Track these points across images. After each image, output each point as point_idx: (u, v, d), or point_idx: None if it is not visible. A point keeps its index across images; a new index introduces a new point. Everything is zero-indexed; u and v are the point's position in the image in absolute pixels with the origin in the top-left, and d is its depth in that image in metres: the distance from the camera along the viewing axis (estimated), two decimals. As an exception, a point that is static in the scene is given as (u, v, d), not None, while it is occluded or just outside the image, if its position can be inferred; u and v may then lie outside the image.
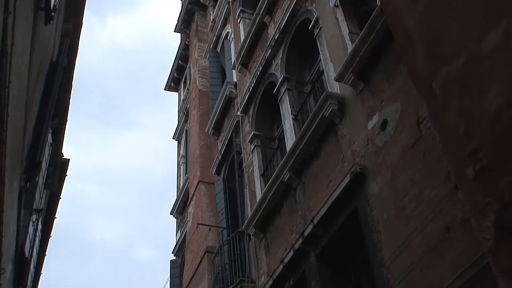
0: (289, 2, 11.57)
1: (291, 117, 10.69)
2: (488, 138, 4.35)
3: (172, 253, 18.46)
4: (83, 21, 10.10)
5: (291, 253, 9.12)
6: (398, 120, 7.11)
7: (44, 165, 9.50)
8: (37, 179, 8.28)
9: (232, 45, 15.82)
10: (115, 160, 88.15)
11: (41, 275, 13.08)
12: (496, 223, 4.12)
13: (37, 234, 10.30)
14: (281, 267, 9.42)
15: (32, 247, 9.46)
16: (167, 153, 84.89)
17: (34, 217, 9.10)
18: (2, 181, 4.66)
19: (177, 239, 18.20)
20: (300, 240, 8.87)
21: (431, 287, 5.91)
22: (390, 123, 7.28)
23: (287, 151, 10.05)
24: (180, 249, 17.65)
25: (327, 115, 8.71)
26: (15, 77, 4.93)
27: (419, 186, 6.42)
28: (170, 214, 19.60)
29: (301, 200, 9.57)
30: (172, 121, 38.55)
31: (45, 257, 13.05)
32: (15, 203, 6.72)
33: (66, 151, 11.81)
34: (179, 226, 18.86)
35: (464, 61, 4.19)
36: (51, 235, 13.14)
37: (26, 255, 8.60)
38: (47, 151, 9.61)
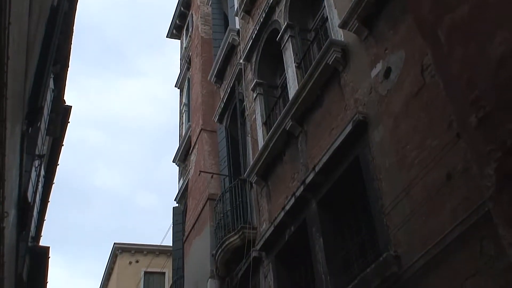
0: None
1: (294, 65, 10.59)
2: (492, 86, 4.31)
3: (174, 200, 18.62)
4: (83, -35, 9.91)
5: (292, 200, 9.19)
6: (402, 68, 7.04)
7: (46, 111, 9.49)
8: (39, 124, 8.28)
9: (235, -9, 15.55)
10: (116, 108, 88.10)
11: (45, 221, 13.25)
12: (497, 171, 4.12)
13: (40, 180, 10.38)
14: (282, 214, 9.51)
15: (35, 193, 9.55)
16: (168, 101, 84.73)
17: (36, 162, 9.15)
18: (3, 125, 4.65)
19: (180, 187, 18.33)
20: (302, 188, 8.92)
21: (431, 234, 5.97)
22: (394, 71, 7.21)
23: (290, 99, 10.00)
24: (182, 197, 17.80)
25: (330, 62, 8.63)
26: (15, 20, 4.85)
27: (421, 134, 6.40)
28: (173, 162, 19.70)
29: (303, 148, 9.58)
30: (174, 69, 38.29)
31: (49, 203, 13.20)
32: (17, 148, 6.74)
33: (67, 98, 11.72)
34: (181, 174, 18.97)
35: (469, 8, 4.09)
36: (54, 181, 13.25)
37: (29, 200, 8.67)
38: (48, 96, 9.59)
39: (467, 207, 5.52)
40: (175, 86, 21.64)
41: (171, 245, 18.06)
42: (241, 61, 13.42)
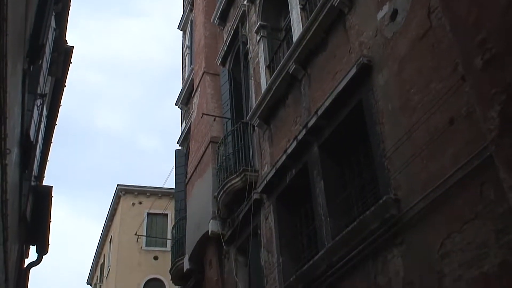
0: None
1: (298, 6, 10.42)
2: (499, 27, 4.23)
3: (177, 143, 18.70)
4: None
5: (294, 144, 9.21)
6: (409, 11, 6.91)
7: (47, 50, 9.40)
8: (40, 62, 8.21)
9: None
10: (118, 49, 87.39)
11: (48, 162, 13.31)
12: (501, 114, 4.09)
13: (42, 119, 10.37)
14: (284, 157, 9.54)
15: (37, 132, 9.55)
16: (171, 43, 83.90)
17: (38, 101, 9.12)
18: (4, 60, 4.61)
19: (182, 129, 18.36)
20: (304, 132, 8.92)
21: (431, 178, 5.99)
22: (400, 13, 7.08)
23: (294, 42, 9.89)
24: (185, 139, 17.85)
25: (336, 4, 8.48)
26: (13, -47, 4.74)
27: (426, 78, 6.34)
28: (175, 105, 19.67)
29: (306, 91, 9.53)
30: (177, 10, 37.69)
31: (51, 144, 13.22)
32: (19, 86, 6.70)
33: (68, 39, 11.56)
34: (184, 116, 18.97)
35: None
36: (56, 122, 13.24)
37: (32, 139, 8.69)
38: (50, 36, 9.48)
39: (469, 151, 5.52)
40: (178, 28, 21.38)
41: (174, 187, 18.22)
42: (245, 2, 13.20)
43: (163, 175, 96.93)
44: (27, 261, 12.74)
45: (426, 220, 6.02)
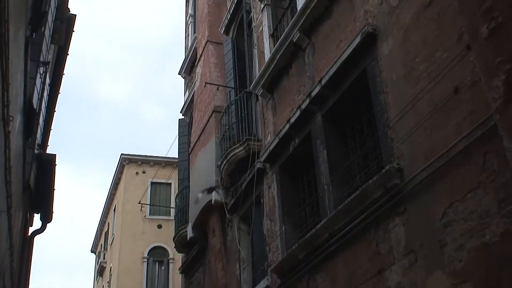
0: None
1: (303, -26, 10.29)
2: (505, -5, 4.12)
3: (180, 112, 18.68)
4: None
5: (298, 113, 9.18)
6: (415, -22, 6.81)
7: (50, 18, 9.34)
8: (43, 30, 8.16)
9: None
10: (120, 17, 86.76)
11: (51, 131, 13.33)
12: (506, 82, 4.07)
13: (45, 87, 10.35)
14: (287, 126, 9.53)
15: (40, 100, 9.55)
16: (174, 11, 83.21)
17: (41, 69, 9.09)
18: (6, 26, 4.57)
19: (185, 99, 18.32)
20: (307, 101, 8.89)
21: (434, 147, 5.98)
22: (406, -19, 6.98)
23: (298, 10, 9.78)
24: (188, 109, 17.83)
25: (340, -28, 8.38)
26: None
27: (431, 47, 6.29)
28: (178, 74, 19.59)
29: (310, 61, 9.47)
30: (181, -21, 37.32)
31: (55, 113, 13.22)
32: (21, 53, 6.67)
33: (71, 8, 11.45)
34: (187, 86, 18.91)
35: None
36: (59, 91, 13.22)
37: (35, 107, 8.69)
38: (52, 3, 9.41)
39: (473, 121, 5.50)
40: (181, -4, 21.18)
41: (177, 156, 18.27)
42: (249, -30, 13.05)
43: (166, 145, 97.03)
44: (31, 229, 12.86)
45: (428, 190, 6.03)
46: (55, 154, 11.72)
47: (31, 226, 13.25)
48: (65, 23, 11.24)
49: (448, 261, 5.59)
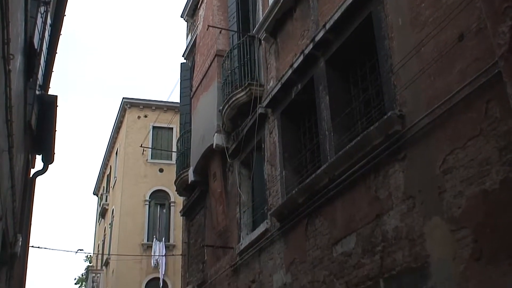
0: None
1: None
2: None
3: (182, 56, 18.52)
4: None
5: (301, 58, 9.09)
6: None
7: (50, -44, 9.15)
8: (42, -32, 8.00)
9: None
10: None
11: (53, 73, 13.24)
12: (512, 29, 3.97)
13: (46, 28, 10.22)
14: (290, 71, 9.46)
15: (41, 40, 9.44)
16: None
17: (42, 9, 8.95)
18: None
19: (188, 43, 18.14)
20: (311, 46, 8.78)
21: (437, 94, 5.95)
22: None
23: (303, -48, 9.56)
24: (190, 53, 17.67)
25: None
26: None
27: (438, -9, 6.16)
28: (181, 17, 19.34)
29: (314, 4, 9.31)
30: None
31: (56, 54, 13.10)
32: (21, -9, 6.55)
33: None
34: (189, 29, 18.69)
35: None
36: (61, 32, 13.07)
37: (36, 47, 8.60)
38: None
39: (477, 68, 5.45)
40: None
41: (179, 101, 18.21)
42: None
43: (168, 89, 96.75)
44: (33, 171, 12.93)
45: (429, 136, 6.03)
46: (57, 96, 11.67)
47: (33, 167, 13.33)
48: (66, -39, 11.01)
49: (447, 207, 5.63)
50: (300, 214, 8.70)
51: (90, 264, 40.62)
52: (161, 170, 28.67)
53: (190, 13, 18.47)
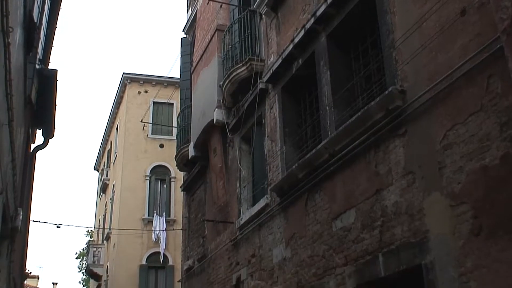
0: None
1: None
2: None
3: (182, 31, 18.40)
4: None
5: (302, 33, 9.03)
6: None
7: None
8: None
9: None
10: None
11: (53, 47, 13.17)
12: (515, 3, 3.93)
13: (46, 1, 10.15)
14: (290, 46, 9.40)
15: (41, 14, 9.38)
16: None
17: (41, -18, 8.88)
18: None
19: (188, 17, 18.01)
20: (312, 20, 8.72)
21: (439, 69, 5.92)
22: None
23: None
24: (191, 27, 17.55)
25: None
26: None
27: (441, -35, 6.09)
28: (181, -9, 19.16)
29: (316, -22, 9.21)
30: None
31: (56, 29, 13.02)
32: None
33: None
34: (190, 3, 18.54)
35: None
36: (61, 6, 12.97)
37: (35, 20, 8.54)
38: None
39: (479, 43, 5.41)
40: None
41: (179, 76, 18.15)
42: None
43: (168, 64, 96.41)
44: (33, 146, 12.93)
45: (430, 112, 6.01)
46: (57, 70, 11.62)
47: (34, 142, 13.33)
48: None
49: (447, 182, 5.64)
50: (300, 189, 8.73)
51: (91, 239, 40.91)
52: (161, 146, 28.68)
53: (191, -13, 18.31)
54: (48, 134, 11.98)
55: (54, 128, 12.22)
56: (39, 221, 23.68)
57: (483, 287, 5.05)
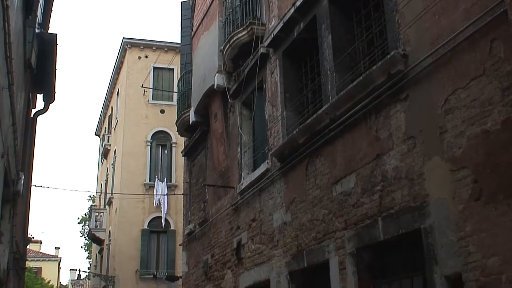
0: None
1: None
2: None
3: (183, -5, 18.20)
4: None
5: (304, -4, 8.92)
6: None
7: None
8: None
9: None
10: None
11: (52, 11, 13.07)
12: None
13: (44, -37, 10.03)
14: (292, 10, 9.30)
15: (39, -24, 9.26)
16: None
17: None
18: None
19: (188, -19, 17.79)
20: (314, -17, 8.61)
21: (441, 33, 5.86)
22: None
23: None
24: (191, -9, 17.35)
25: None
26: None
27: None
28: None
29: None
30: None
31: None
32: None
33: None
34: (190, -33, 18.30)
35: None
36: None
37: (34, -17, 8.44)
38: None
39: (482, 7, 5.34)
40: None
41: (179, 41, 18.01)
42: None
43: (168, 29, 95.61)
44: (34, 111, 12.93)
45: (432, 76, 5.97)
46: (56, 34, 11.56)
47: (34, 108, 13.32)
48: None
49: (447, 147, 5.64)
50: (301, 154, 8.74)
51: (93, 204, 41.20)
52: (162, 111, 28.66)
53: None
54: (49, 98, 11.97)
55: (55, 92, 12.20)
56: (41, 186, 23.83)
57: (482, 251, 5.08)
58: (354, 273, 7.08)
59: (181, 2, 17.83)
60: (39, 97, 13.14)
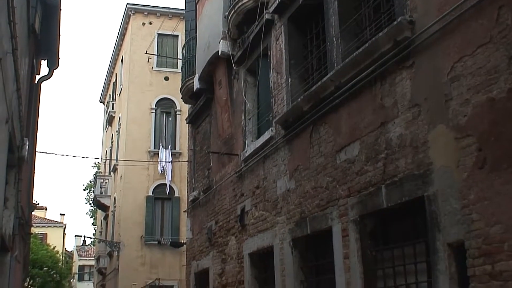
0: None
1: None
2: None
3: (187, -40, 17.96)
4: None
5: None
6: None
7: None
8: None
9: None
10: None
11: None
12: None
13: None
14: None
15: None
16: None
17: None
18: None
19: None
20: None
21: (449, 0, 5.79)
22: None
23: None
24: (196, -44, 17.11)
25: None
26: None
27: None
28: None
29: None
30: None
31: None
32: None
33: None
34: None
35: None
36: None
37: None
38: None
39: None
40: None
41: (183, 8, 17.84)
42: None
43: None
44: (38, 77, 12.90)
45: (438, 43, 5.91)
46: (60, -1, 11.44)
47: (39, 74, 13.28)
48: None
49: (452, 115, 5.61)
50: (305, 121, 8.72)
51: (98, 171, 41.39)
52: (166, 79, 28.55)
53: None
54: (53, 64, 11.93)
55: (59, 58, 12.15)
56: (46, 152, 23.91)
57: (485, 219, 5.10)
58: (356, 240, 7.13)
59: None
60: (43, 63, 13.09)
